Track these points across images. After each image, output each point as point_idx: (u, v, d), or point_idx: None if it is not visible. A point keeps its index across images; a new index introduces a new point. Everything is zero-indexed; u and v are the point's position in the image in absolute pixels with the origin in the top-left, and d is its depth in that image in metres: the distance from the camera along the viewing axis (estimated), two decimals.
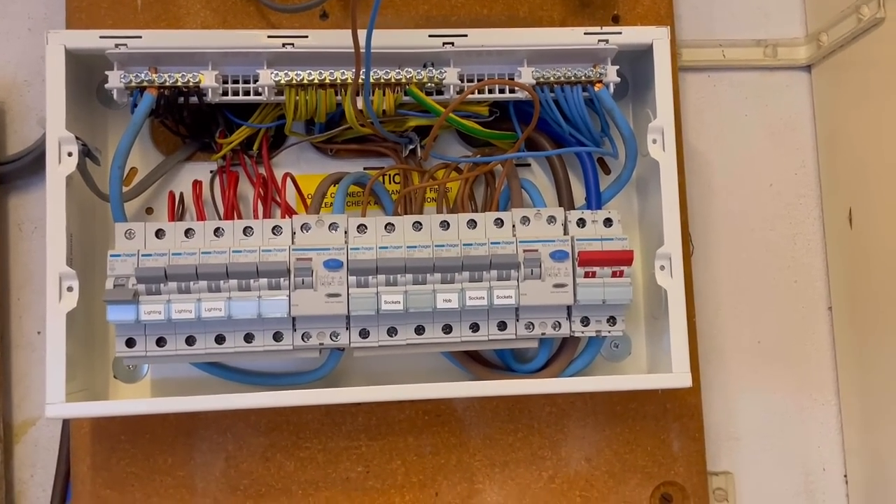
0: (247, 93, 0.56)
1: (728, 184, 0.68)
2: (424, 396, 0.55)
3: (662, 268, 0.56)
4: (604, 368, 0.62)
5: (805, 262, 0.68)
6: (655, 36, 0.57)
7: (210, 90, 0.54)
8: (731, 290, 0.68)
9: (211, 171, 0.61)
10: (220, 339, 0.53)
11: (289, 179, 0.59)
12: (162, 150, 0.61)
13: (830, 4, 0.66)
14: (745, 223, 0.68)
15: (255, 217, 0.58)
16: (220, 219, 0.59)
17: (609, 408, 0.62)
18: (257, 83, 0.55)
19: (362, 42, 0.53)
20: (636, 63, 0.61)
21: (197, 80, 0.54)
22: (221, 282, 0.51)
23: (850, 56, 0.64)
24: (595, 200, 0.59)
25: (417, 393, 0.54)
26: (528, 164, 0.64)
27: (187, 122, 0.59)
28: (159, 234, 0.53)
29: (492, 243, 0.54)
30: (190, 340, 0.53)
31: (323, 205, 0.59)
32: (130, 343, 0.52)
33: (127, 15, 0.62)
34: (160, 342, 0.53)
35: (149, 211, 0.61)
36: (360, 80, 0.51)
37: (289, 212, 0.59)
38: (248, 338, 0.53)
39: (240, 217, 0.59)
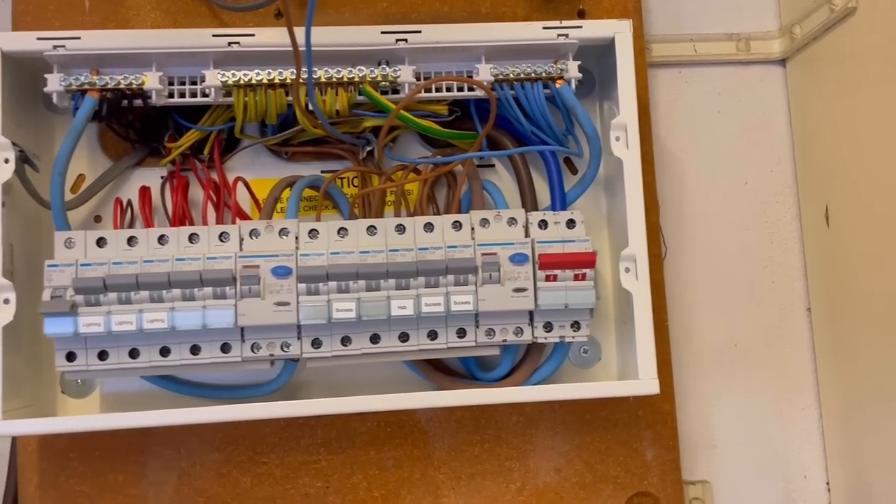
0: (193, 94, 0.53)
1: (702, 182, 0.66)
2: (378, 409, 0.52)
3: (627, 270, 0.54)
4: (573, 375, 0.60)
5: (782, 261, 0.66)
6: (617, 29, 0.55)
7: (154, 92, 0.52)
8: (705, 291, 0.65)
9: (162, 176, 0.59)
10: (164, 352, 0.51)
11: (241, 184, 0.57)
12: (111, 155, 0.59)
13: None
14: (720, 222, 0.66)
15: (205, 224, 0.56)
16: (169, 225, 0.56)
17: (579, 416, 0.60)
18: (204, 84, 0.53)
19: (318, 40, 0.52)
20: (603, 58, 0.59)
21: (140, 81, 0.52)
22: (164, 292, 0.49)
23: (823, 48, 0.62)
24: (560, 201, 0.57)
25: (371, 405, 0.52)
26: (493, 165, 0.61)
27: (136, 126, 0.57)
28: (101, 242, 0.51)
29: (448, 247, 0.51)
30: (133, 353, 0.50)
31: (277, 210, 0.57)
32: (71, 357, 0.50)
33: (75, 17, 0.60)
34: (102, 355, 0.50)
35: (97, 219, 0.58)
36: (302, 79, 0.49)
37: (242, 217, 0.57)
38: (195, 350, 0.51)
39: (192, 224, 0.56)
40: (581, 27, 0.55)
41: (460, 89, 0.55)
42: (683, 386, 0.64)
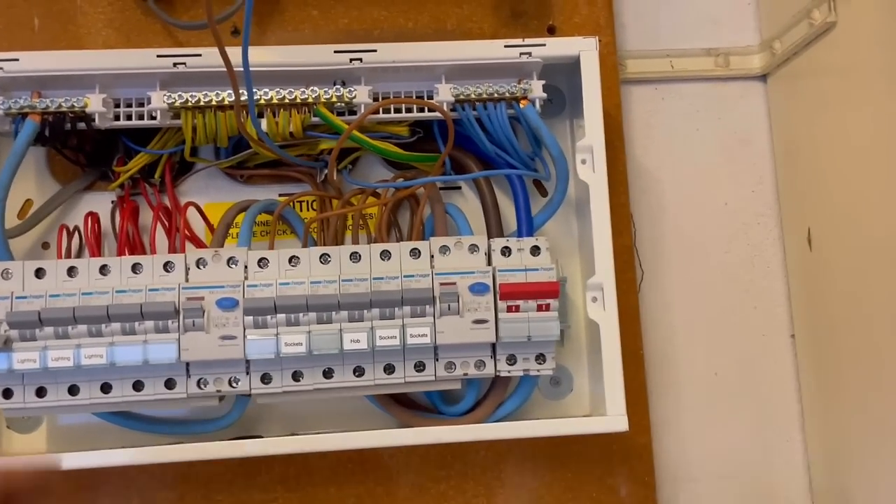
0: (140, 117, 0.51)
1: (680, 203, 0.63)
2: (335, 448, 0.50)
3: (595, 299, 0.51)
4: (543, 407, 0.57)
5: (764, 286, 0.63)
6: (582, 47, 0.53)
7: (98, 115, 0.50)
8: (684, 317, 0.63)
9: (113, 201, 0.56)
10: (106, 388, 0.48)
11: (195, 209, 0.55)
12: (60, 179, 0.57)
13: (783, 9, 0.61)
14: (699, 245, 0.63)
15: (155, 251, 0.53)
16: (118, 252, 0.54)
17: (549, 450, 0.57)
18: (150, 106, 0.50)
19: (269, 59, 0.50)
20: (573, 76, 0.57)
21: (83, 104, 0.50)
22: (103, 325, 0.47)
23: (804, 63, 0.60)
24: (526, 226, 0.54)
25: (328, 444, 0.50)
26: (459, 188, 0.59)
27: (85, 149, 0.55)
28: (39, 273, 0.48)
29: (405, 276, 0.49)
30: (73, 390, 0.48)
31: (231, 235, 0.55)
32: (7, 394, 0.48)
33: (23, 37, 0.58)
34: (40, 392, 0.48)
35: (45, 245, 0.56)
36: (242, 100, 0.47)
37: (196, 244, 0.55)
38: (138, 386, 0.48)
39: (143, 252, 0.54)
40: (545, 45, 0.52)
41: (420, 110, 0.52)
42: (661, 417, 0.61)
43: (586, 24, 0.61)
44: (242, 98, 0.47)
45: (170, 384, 0.48)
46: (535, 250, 0.51)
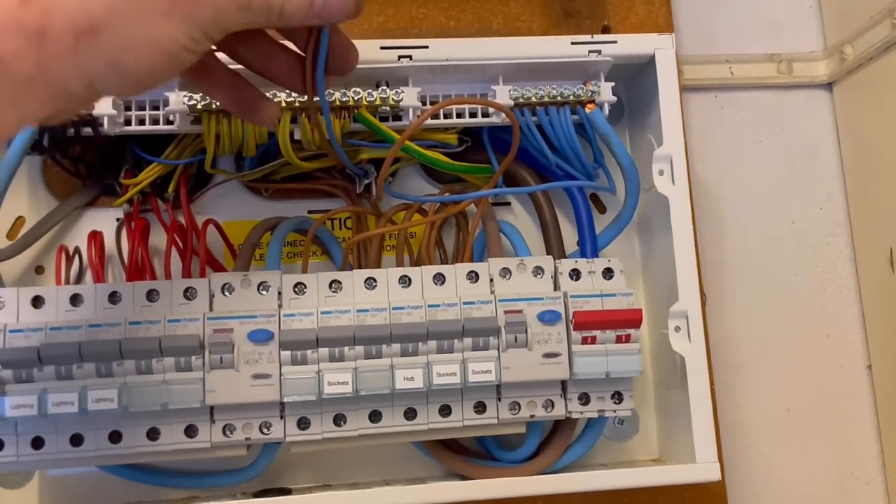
0: (155, 122, 0.45)
1: (743, 222, 0.58)
2: None
3: (678, 329, 0.45)
4: (606, 450, 0.51)
5: (837, 312, 0.58)
6: (658, 45, 0.47)
7: (107, 119, 0.43)
8: (751, 347, 0.57)
9: (117, 219, 0.49)
10: (115, 437, 0.41)
11: (213, 228, 0.48)
12: (57, 193, 0.50)
13: (856, 12, 0.56)
14: (765, 268, 0.58)
15: (169, 276, 0.46)
16: (125, 276, 0.47)
17: (614, 499, 0.51)
18: (167, 109, 0.44)
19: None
20: (632, 81, 0.51)
21: (90, 106, 0.43)
22: (115, 363, 0.40)
23: (880, 70, 0.55)
24: (590, 246, 0.48)
25: (370, 500, 0.42)
26: (509, 203, 0.53)
27: (87, 159, 0.48)
28: (37, 302, 0.41)
29: (465, 303, 0.42)
30: (76, 440, 0.41)
31: (256, 258, 0.48)
32: None
33: None
34: (37, 443, 0.41)
35: (39, 270, 0.49)
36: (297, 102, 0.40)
37: (214, 267, 0.48)
38: (153, 434, 0.41)
39: (154, 276, 0.47)
40: (615, 42, 0.47)
41: (472, 115, 0.46)
42: (732, 458, 0.54)
43: (644, 24, 0.55)
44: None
45: (191, 431, 0.41)
46: (608, 273, 0.45)
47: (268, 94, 0.40)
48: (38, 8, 0.27)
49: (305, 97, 0.39)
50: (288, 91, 0.44)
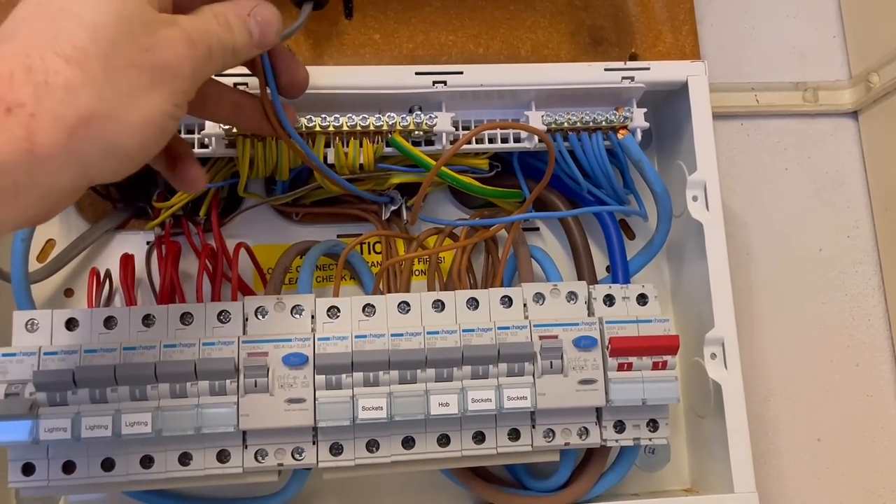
0: (191, 144, 0.45)
1: (770, 250, 0.58)
2: None
3: (714, 356, 0.45)
4: (637, 479, 0.50)
5: (866, 341, 0.57)
6: (690, 72, 0.47)
7: None
8: (780, 376, 0.56)
9: (148, 242, 0.49)
10: (147, 462, 0.40)
11: (243, 251, 0.48)
12: (87, 216, 0.50)
13: (880, 41, 0.56)
14: (793, 296, 0.57)
15: (200, 300, 0.46)
16: (156, 299, 0.47)
17: None
18: (203, 133, 0.44)
19: (340, 81, 0.44)
20: (660, 109, 0.52)
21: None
22: (149, 387, 0.39)
23: None
24: (622, 272, 0.48)
25: None
26: (537, 229, 0.53)
27: (118, 181, 0.48)
28: (71, 324, 0.41)
29: (499, 328, 0.42)
30: (107, 464, 0.40)
31: (286, 282, 0.48)
32: (28, 469, 0.40)
33: None
34: (68, 467, 0.40)
35: (68, 293, 0.49)
36: (332, 127, 0.40)
37: (245, 292, 0.48)
38: (185, 459, 0.41)
39: (183, 300, 0.47)
40: (648, 69, 0.47)
41: (504, 140, 0.46)
42: (761, 489, 0.53)
43: (671, 52, 0.56)
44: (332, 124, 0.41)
45: (223, 457, 0.41)
46: (642, 299, 0.44)
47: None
48: (23, 113, 0.26)
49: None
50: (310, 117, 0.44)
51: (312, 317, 0.42)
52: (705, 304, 0.46)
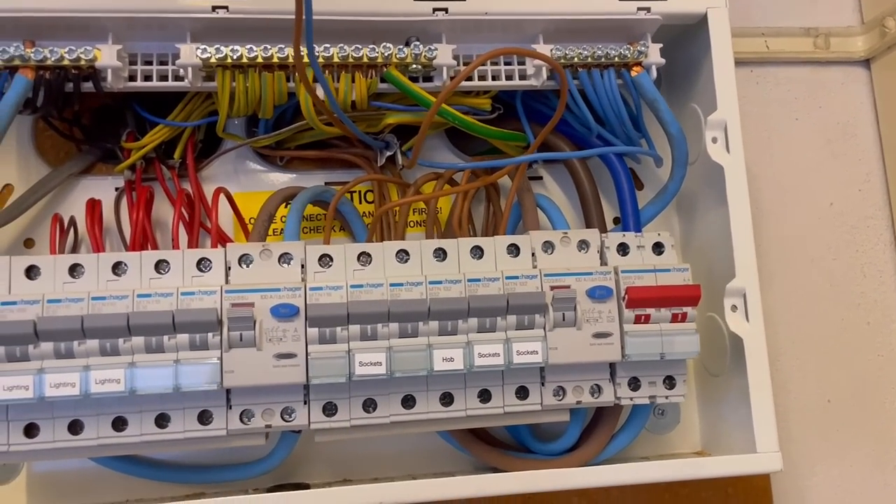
0: (163, 77, 0.40)
1: (779, 204, 0.55)
2: (413, 500, 0.39)
3: (735, 308, 0.42)
4: (645, 442, 0.47)
5: (877, 298, 0.55)
6: (710, 3, 0.44)
7: (111, 72, 0.39)
8: (789, 335, 0.54)
9: (117, 188, 0.45)
10: (119, 424, 0.36)
11: (223, 197, 0.44)
12: (49, 159, 0.45)
13: None
14: (803, 252, 0.55)
15: (176, 248, 0.42)
16: (126, 251, 0.43)
17: (655, 495, 0.47)
18: (177, 63, 0.39)
19: (328, 7, 0.39)
20: (669, 48, 0.48)
21: (91, 57, 0.38)
22: (121, 340, 0.35)
23: None
24: (633, 220, 0.45)
25: (403, 495, 0.38)
26: (540, 178, 0.49)
27: (82, 120, 0.44)
28: (32, 272, 0.36)
29: (507, 278, 0.39)
30: (75, 427, 0.36)
31: (271, 231, 0.44)
32: None
33: None
34: (30, 430, 0.36)
35: (28, 243, 0.44)
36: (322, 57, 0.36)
37: (224, 242, 0.44)
38: (161, 420, 0.37)
39: (154, 248, 0.43)
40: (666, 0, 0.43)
41: (508, 77, 0.43)
42: None
43: None
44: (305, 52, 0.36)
45: (204, 418, 0.37)
46: (658, 248, 0.41)
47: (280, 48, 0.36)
48: None
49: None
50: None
51: (302, 266, 0.38)
52: (721, 254, 0.43)
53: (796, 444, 0.53)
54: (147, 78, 0.40)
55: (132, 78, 0.40)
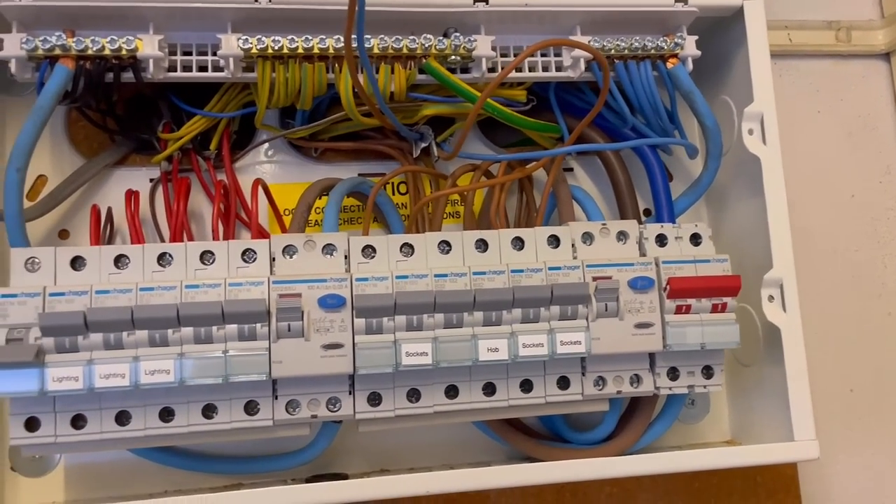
0: (203, 68, 0.40)
1: (801, 195, 0.55)
2: (454, 489, 0.39)
3: (771, 298, 0.42)
4: (675, 433, 0.48)
5: None
6: None
7: (152, 63, 0.39)
8: (812, 326, 0.53)
9: (151, 179, 0.45)
10: (166, 415, 0.36)
11: (260, 189, 0.43)
12: (83, 150, 0.45)
13: None
14: (825, 243, 0.55)
15: (216, 240, 0.42)
16: (164, 242, 0.42)
17: (685, 484, 0.48)
18: (218, 54, 0.39)
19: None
20: (710, 37, 0.48)
21: (133, 47, 0.38)
22: (170, 331, 0.35)
23: None
24: (667, 212, 0.45)
25: (442, 484, 0.39)
26: (571, 170, 0.49)
27: (118, 111, 0.43)
28: (77, 263, 0.36)
29: (550, 269, 0.39)
30: (122, 418, 0.36)
31: (308, 223, 0.44)
32: (33, 425, 0.36)
33: None
34: (77, 422, 0.36)
35: (63, 234, 0.44)
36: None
37: (260, 234, 0.44)
38: (209, 411, 0.37)
39: (191, 241, 0.43)
40: None
41: (545, 69, 0.43)
42: None
43: None
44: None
45: (251, 408, 0.37)
46: (695, 239, 0.42)
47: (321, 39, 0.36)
48: None
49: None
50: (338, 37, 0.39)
51: (346, 257, 0.38)
52: (754, 245, 0.43)
53: (819, 432, 0.52)
54: (186, 68, 0.40)
55: (172, 68, 0.40)
